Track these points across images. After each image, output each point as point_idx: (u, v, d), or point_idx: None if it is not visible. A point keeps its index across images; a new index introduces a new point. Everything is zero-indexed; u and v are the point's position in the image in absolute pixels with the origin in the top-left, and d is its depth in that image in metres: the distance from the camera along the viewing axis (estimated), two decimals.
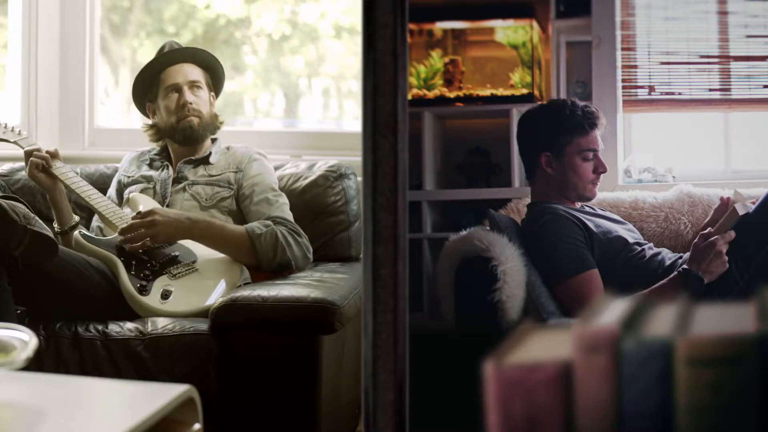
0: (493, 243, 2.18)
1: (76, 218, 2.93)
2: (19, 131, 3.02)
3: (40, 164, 2.88)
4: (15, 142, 2.99)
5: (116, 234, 2.81)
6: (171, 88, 2.99)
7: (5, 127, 3.00)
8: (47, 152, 2.91)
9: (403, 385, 1.26)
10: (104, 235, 2.88)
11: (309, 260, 2.84)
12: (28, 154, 2.90)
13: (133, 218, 2.78)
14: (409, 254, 1.27)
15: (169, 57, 3.02)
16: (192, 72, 3.02)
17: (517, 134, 2.35)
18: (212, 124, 3.05)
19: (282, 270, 2.78)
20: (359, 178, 1.77)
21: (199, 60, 3.05)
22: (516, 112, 2.35)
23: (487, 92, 2.36)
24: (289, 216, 2.88)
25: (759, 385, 0.83)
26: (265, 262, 2.76)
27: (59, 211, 2.91)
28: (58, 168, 2.91)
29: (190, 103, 2.97)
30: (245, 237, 2.77)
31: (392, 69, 1.25)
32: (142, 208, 2.89)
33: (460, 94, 2.35)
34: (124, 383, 2.04)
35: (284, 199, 2.93)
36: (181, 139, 3.00)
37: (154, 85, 3.03)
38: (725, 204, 2.27)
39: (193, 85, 3.00)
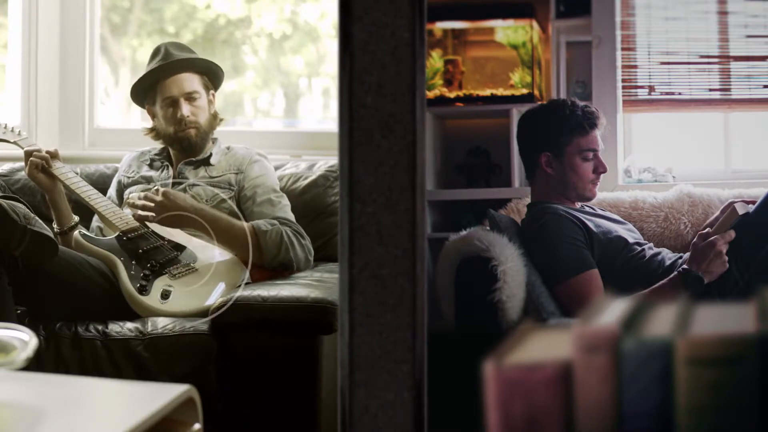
0: (493, 243, 2.18)
1: (76, 218, 2.93)
2: (19, 131, 3.02)
3: (40, 164, 2.87)
4: (15, 143, 2.99)
5: (116, 234, 2.81)
6: (168, 101, 2.98)
7: (5, 127, 3.00)
8: (47, 152, 2.91)
9: (422, 384, 1.25)
10: (104, 236, 2.89)
11: (310, 262, 2.84)
12: (28, 154, 2.90)
13: (148, 193, 2.83)
14: (412, 254, 1.27)
15: (164, 69, 2.99)
16: (188, 82, 2.99)
17: (517, 134, 2.34)
18: (212, 126, 3.05)
19: (283, 270, 2.78)
20: None
21: (194, 67, 3.03)
22: (516, 112, 2.35)
23: (487, 92, 2.36)
24: (292, 217, 2.89)
25: (759, 385, 0.83)
26: (268, 259, 2.76)
27: (58, 212, 2.90)
28: (58, 168, 2.91)
29: (187, 116, 2.97)
30: (251, 233, 2.77)
31: (393, 68, 1.25)
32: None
33: (460, 94, 2.35)
34: (124, 383, 2.04)
35: (286, 201, 2.94)
36: (180, 148, 3.01)
37: (151, 92, 3.02)
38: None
39: (190, 96, 2.99)
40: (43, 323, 2.56)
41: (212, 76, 3.05)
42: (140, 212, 2.78)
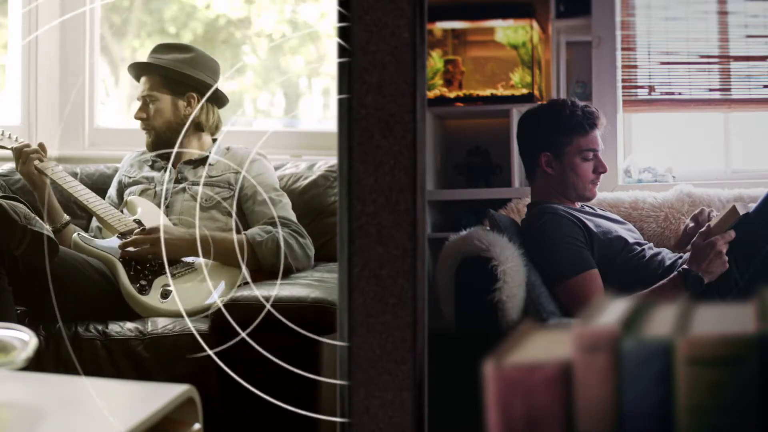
0: (493, 243, 2.18)
1: (67, 217, 2.93)
2: (17, 138, 3.02)
3: (35, 157, 2.89)
4: (12, 149, 2.99)
5: (115, 236, 2.81)
6: (139, 98, 3.03)
7: (2, 134, 3.00)
8: (39, 145, 2.94)
9: (422, 384, 1.25)
10: (103, 237, 2.89)
11: (311, 262, 2.84)
12: (19, 150, 2.90)
13: (136, 233, 2.78)
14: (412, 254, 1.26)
15: (132, 68, 3.04)
16: (146, 85, 3.00)
17: (517, 134, 2.34)
18: (175, 130, 3.01)
19: (283, 271, 2.78)
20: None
21: (156, 72, 3.00)
22: (516, 112, 2.35)
23: (487, 92, 2.36)
24: (293, 216, 2.88)
25: (759, 385, 0.83)
26: (266, 267, 2.77)
27: (51, 209, 2.90)
28: (55, 172, 2.91)
29: (140, 116, 2.99)
30: (247, 244, 2.77)
31: (393, 68, 1.25)
32: (140, 211, 2.89)
33: (460, 94, 2.35)
34: (124, 383, 2.04)
35: (287, 199, 2.94)
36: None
37: None
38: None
39: (145, 99, 3.00)
40: (43, 323, 2.56)
41: (175, 83, 3.00)
42: (133, 250, 2.76)
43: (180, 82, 2.97)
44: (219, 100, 3.05)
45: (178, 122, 2.99)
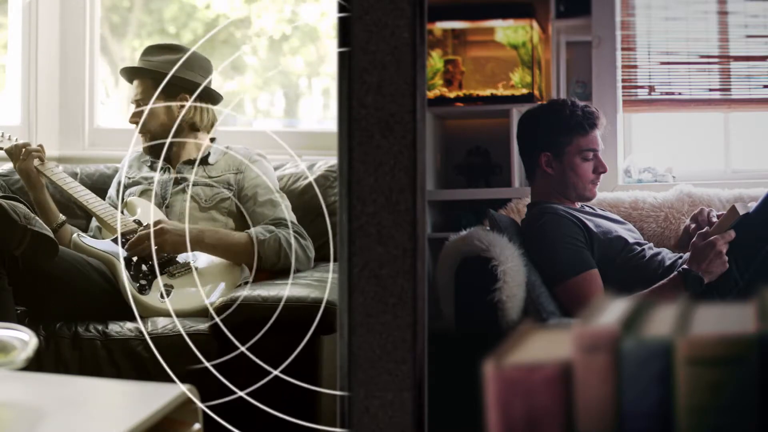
0: (493, 243, 2.18)
1: (62, 217, 2.93)
2: (16, 139, 3.01)
3: (37, 156, 2.89)
4: (8, 149, 2.99)
5: (114, 236, 2.81)
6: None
7: (2, 135, 3.00)
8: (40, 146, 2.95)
9: (422, 384, 1.25)
10: (102, 237, 2.89)
11: (311, 263, 2.84)
12: (20, 148, 2.90)
13: (140, 230, 2.79)
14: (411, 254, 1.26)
15: (125, 72, 3.04)
16: (139, 88, 3.00)
17: (517, 134, 2.34)
18: (168, 131, 3.00)
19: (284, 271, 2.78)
20: None
21: (147, 75, 3.00)
22: (516, 112, 2.35)
23: (487, 92, 2.36)
24: (293, 218, 2.88)
25: (759, 385, 0.83)
26: (268, 266, 2.77)
27: (46, 210, 2.90)
28: (55, 173, 2.91)
29: (132, 120, 2.99)
30: (249, 243, 2.77)
31: (393, 68, 1.25)
32: (140, 212, 2.89)
33: (460, 94, 2.35)
34: (124, 383, 2.04)
35: (287, 201, 2.94)
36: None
37: None
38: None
39: (138, 102, 3.00)
40: (43, 323, 2.56)
41: (166, 85, 2.93)
42: (139, 253, 2.76)
43: (172, 84, 2.96)
44: (212, 97, 3.04)
45: (173, 124, 2.99)
